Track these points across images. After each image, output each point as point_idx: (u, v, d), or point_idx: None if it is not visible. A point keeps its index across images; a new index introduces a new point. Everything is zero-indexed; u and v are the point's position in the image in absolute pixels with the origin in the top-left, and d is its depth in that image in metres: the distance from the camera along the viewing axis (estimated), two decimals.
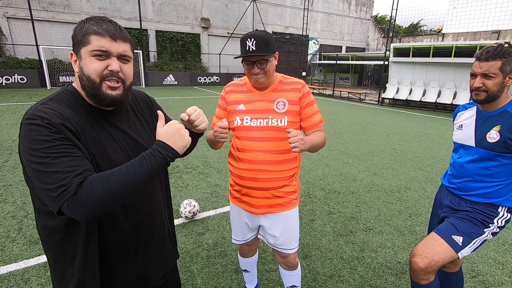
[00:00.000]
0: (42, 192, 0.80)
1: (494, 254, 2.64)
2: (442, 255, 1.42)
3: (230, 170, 1.55)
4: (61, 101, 0.87)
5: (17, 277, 2.15)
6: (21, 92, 12.51)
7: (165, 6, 19.53)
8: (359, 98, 15.99)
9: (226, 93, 1.54)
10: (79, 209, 0.77)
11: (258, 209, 1.51)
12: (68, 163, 0.78)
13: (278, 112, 1.40)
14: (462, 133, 1.54)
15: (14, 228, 2.76)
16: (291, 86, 1.45)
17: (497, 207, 1.45)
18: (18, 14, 15.40)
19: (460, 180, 1.54)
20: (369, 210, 3.40)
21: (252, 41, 1.28)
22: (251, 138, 1.42)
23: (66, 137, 0.81)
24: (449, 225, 1.50)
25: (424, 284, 1.47)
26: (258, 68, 1.33)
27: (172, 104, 11.10)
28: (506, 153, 1.37)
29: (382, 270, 2.38)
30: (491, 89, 1.35)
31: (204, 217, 3.11)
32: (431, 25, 39.34)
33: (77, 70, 0.88)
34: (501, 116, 1.39)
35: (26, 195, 3.42)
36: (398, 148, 6.19)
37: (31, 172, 0.80)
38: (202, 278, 2.23)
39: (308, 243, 2.72)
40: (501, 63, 1.31)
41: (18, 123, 6.91)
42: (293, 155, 1.47)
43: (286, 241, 1.56)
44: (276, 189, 1.47)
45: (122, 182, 0.81)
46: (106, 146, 0.90)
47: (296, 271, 1.70)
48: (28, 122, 0.79)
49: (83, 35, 0.85)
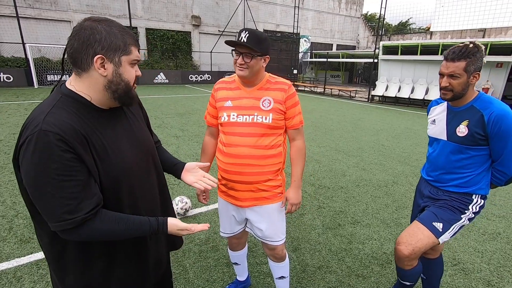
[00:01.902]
0: (42, 209, 0.82)
1: (475, 243, 2.76)
2: (425, 241, 1.51)
3: (217, 164, 1.60)
4: (65, 108, 0.86)
5: (9, 275, 2.16)
6: (7, 91, 12.24)
7: (155, 4, 19.33)
8: (349, 96, 16.20)
9: (215, 90, 1.59)
10: (73, 237, 0.86)
11: (243, 202, 1.56)
12: (74, 187, 0.81)
13: (263, 110, 1.46)
14: (435, 127, 1.63)
15: (4, 228, 2.76)
16: (278, 86, 1.50)
17: (471, 195, 1.55)
18: (3, 11, 15.01)
19: (436, 172, 1.64)
20: (357, 204, 3.50)
21: (246, 34, 1.34)
22: (237, 134, 1.48)
23: (76, 156, 0.82)
24: (429, 214, 1.59)
25: (409, 269, 1.56)
26: (243, 59, 1.38)
27: (163, 102, 11.04)
28: (474, 146, 1.46)
29: (369, 260, 2.48)
30: (456, 88, 1.43)
31: (196, 213, 3.16)
32: (420, 23, 40.00)
33: (105, 74, 0.88)
34: (468, 111, 1.47)
35: (16, 195, 3.40)
36: (387, 144, 6.34)
37: (34, 190, 0.80)
38: (195, 272, 2.28)
39: (298, 236, 2.80)
40: (465, 64, 1.38)
41: (5, 123, 6.80)
42: (278, 151, 1.53)
43: (272, 234, 1.61)
44: (261, 183, 1.52)
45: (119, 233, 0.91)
46: (112, 144, 0.94)
47: (284, 262, 1.76)
48: (37, 136, 0.78)
49: (124, 44, 0.89)
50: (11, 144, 5.26)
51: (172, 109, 9.55)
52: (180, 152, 5.18)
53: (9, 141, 5.48)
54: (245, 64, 1.38)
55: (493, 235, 2.90)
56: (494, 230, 3.00)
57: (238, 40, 1.35)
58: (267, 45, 1.41)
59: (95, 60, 0.85)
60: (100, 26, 0.86)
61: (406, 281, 1.65)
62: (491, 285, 2.22)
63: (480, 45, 1.43)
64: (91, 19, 0.88)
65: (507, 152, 1.40)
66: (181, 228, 1.01)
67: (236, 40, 1.35)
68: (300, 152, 1.61)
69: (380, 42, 14.11)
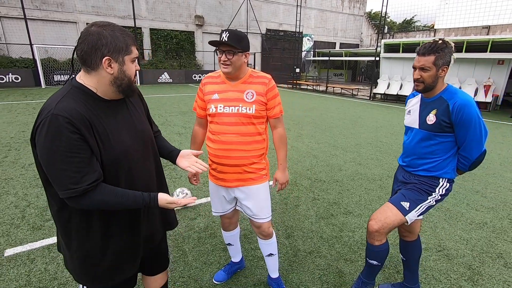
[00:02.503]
0: (52, 179, 0.99)
1: (461, 232, 2.89)
2: (392, 218, 1.67)
3: (208, 152, 1.79)
4: (74, 98, 1.02)
5: (24, 258, 2.36)
6: (15, 91, 12.57)
7: (158, 4, 19.57)
8: (351, 94, 16.26)
9: (203, 84, 1.75)
10: (77, 205, 1.02)
11: (232, 182, 1.75)
12: (78, 163, 0.98)
13: (247, 101, 1.63)
14: (410, 117, 1.78)
15: (17, 216, 2.96)
16: (260, 80, 1.67)
17: (439, 179, 1.70)
18: (11, 13, 15.39)
19: (409, 158, 1.79)
20: (351, 196, 3.64)
21: (227, 34, 1.51)
22: (224, 123, 1.66)
23: (81, 137, 0.98)
24: (399, 195, 1.76)
25: (377, 244, 1.71)
26: (226, 56, 1.54)
27: (167, 101, 11.26)
28: (441, 133, 1.61)
29: (358, 246, 2.62)
30: (426, 80, 1.58)
31: (196, 204, 3.33)
32: (425, 21, 39.71)
33: (111, 72, 1.04)
34: (437, 101, 1.63)
35: (27, 187, 3.61)
36: (385, 140, 6.45)
37: (47, 162, 0.96)
38: (193, 255, 2.45)
39: (291, 225, 2.95)
40: (434, 58, 1.53)
41: (14, 122, 7.06)
42: (261, 138, 1.72)
43: (258, 211, 1.79)
44: (247, 165, 1.71)
45: (117, 205, 1.07)
46: (113, 131, 1.11)
47: (271, 240, 1.92)
48: (51, 119, 0.94)
49: (126, 45, 1.05)
50: (20, 141, 5.50)
51: (176, 108, 9.76)
52: (182, 148, 5.34)
53: (19, 138, 5.72)
54: (228, 61, 1.55)
55: (479, 225, 3.03)
56: (481, 220, 3.13)
57: (220, 40, 1.52)
58: (247, 43, 1.59)
59: (104, 61, 1.01)
60: (105, 31, 1.01)
61: (374, 260, 1.78)
62: (471, 269, 2.36)
63: (450, 41, 1.57)
64: (96, 24, 1.03)
65: (469, 139, 1.55)
66: (170, 202, 1.17)
67: (218, 40, 1.53)
68: (282, 138, 1.80)
69: (381, 40, 14.15)
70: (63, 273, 2.19)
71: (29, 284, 2.08)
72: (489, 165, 4.92)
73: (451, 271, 2.33)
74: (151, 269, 1.49)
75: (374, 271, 1.87)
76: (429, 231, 2.90)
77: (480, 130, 1.55)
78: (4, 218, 2.92)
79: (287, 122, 7.99)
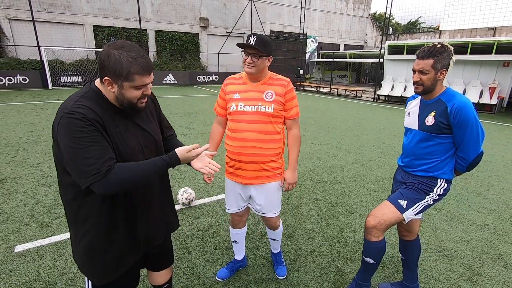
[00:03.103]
0: (75, 171, 1.04)
1: (462, 233, 2.91)
2: (390, 215, 1.72)
3: (226, 149, 1.89)
4: (90, 99, 1.10)
5: (33, 254, 2.43)
6: (23, 92, 12.80)
7: (164, 6, 19.78)
8: (355, 95, 16.25)
9: (225, 85, 1.88)
10: (104, 188, 1.05)
11: (249, 179, 1.85)
12: (98, 150, 1.04)
13: (266, 101, 1.74)
14: (410, 119, 1.82)
15: (26, 214, 3.05)
16: (279, 82, 1.79)
17: (437, 179, 1.73)
18: (19, 16, 15.67)
19: (408, 159, 1.83)
20: (353, 197, 3.67)
21: (254, 38, 1.63)
22: (244, 121, 1.76)
23: (96, 129, 1.05)
24: (397, 193, 1.80)
25: (374, 240, 1.75)
26: (251, 59, 1.66)
27: (172, 102, 11.37)
28: (439, 134, 1.65)
29: (358, 246, 2.66)
30: (425, 83, 1.63)
31: (200, 203, 3.40)
32: (430, 22, 39.51)
33: (113, 91, 1.10)
34: (436, 103, 1.67)
35: (36, 186, 3.71)
36: (388, 142, 6.46)
37: (69, 155, 1.03)
38: (197, 253, 2.51)
39: (293, 225, 3.00)
40: (433, 61, 1.58)
41: (22, 122, 7.20)
42: (278, 137, 1.82)
43: (269, 208, 1.93)
44: (264, 163, 1.81)
45: (141, 175, 1.11)
46: (123, 135, 1.17)
47: (278, 230, 2.14)
48: (68, 116, 1.02)
49: (127, 73, 1.06)
50: (29, 141, 5.62)
51: (180, 109, 9.86)
52: None
53: (27, 138, 5.84)
54: (253, 63, 1.67)
55: (481, 226, 3.04)
56: (483, 221, 3.14)
57: (248, 43, 1.64)
58: (271, 48, 1.72)
59: (104, 80, 1.09)
60: (113, 54, 1.05)
61: (369, 257, 1.79)
62: (471, 270, 2.38)
63: (449, 46, 1.62)
64: (111, 45, 1.07)
65: (466, 140, 1.59)
66: (188, 150, 1.23)
67: (246, 43, 1.64)
68: (296, 139, 1.89)
69: (386, 42, 14.14)
70: (71, 268, 2.27)
71: (39, 279, 2.15)
72: (493, 167, 4.92)
73: (450, 271, 2.35)
74: (156, 265, 1.55)
75: (370, 271, 1.88)
76: (429, 231, 2.92)
77: (477, 131, 1.59)
78: (14, 216, 3.01)
79: None
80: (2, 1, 15.18)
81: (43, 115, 8.19)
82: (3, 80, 13.90)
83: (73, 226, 1.22)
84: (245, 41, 1.67)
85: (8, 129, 6.53)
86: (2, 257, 2.37)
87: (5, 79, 13.94)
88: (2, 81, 13.89)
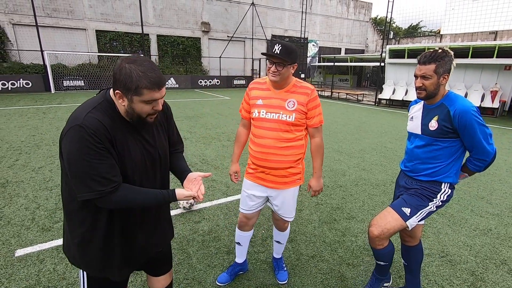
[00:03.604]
0: (77, 182, 1.06)
1: (465, 238, 2.89)
2: (393, 224, 1.70)
3: (249, 152, 1.93)
4: (103, 111, 1.11)
5: (33, 258, 2.43)
6: (26, 96, 12.88)
7: (166, 11, 19.93)
8: (356, 99, 16.25)
9: (250, 89, 1.89)
10: (104, 204, 1.10)
11: (268, 183, 1.88)
12: (103, 169, 1.06)
13: (288, 110, 1.74)
14: (413, 123, 1.82)
15: (28, 218, 3.05)
16: (302, 90, 1.76)
17: (441, 184, 1.72)
18: (23, 21, 15.82)
19: (412, 163, 1.82)
20: (354, 202, 3.65)
21: (279, 47, 1.61)
22: (264, 128, 1.78)
23: (105, 147, 1.07)
24: (400, 200, 1.78)
25: (380, 248, 1.74)
26: (276, 68, 1.65)
27: (173, 106, 11.40)
28: (444, 138, 1.64)
29: (360, 251, 2.64)
30: (428, 87, 1.63)
31: (200, 208, 3.39)
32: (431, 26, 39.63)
33: (124, 104, 1.11)
34: (439, 108, 1.67)
35: (37, 190, 3.71)
36: (390, 146, 6.45)
37: (74, 168, 1.04)
38: (197, 258, 2.49)
39: (294, 229, 2.98)
40: (435, 66, 1.58)
41: (25, 126, 7.24)
42: (299, 144, 1.82)
43: (285, 212, 1.98)
44: (284, 169, 1.83)
45: (139, 202, 1.16)
46: (130, 148, 1.18)
47: (285, 232, 2.17)
48: (79, 129, 1.03)
49: (136, 87, 1.05)
50: (31, 145, 5.64)
51: (182, 113, 9.88)
52: (188, 152, 5.44)
53: (29, 142, 5.86)
54: (277, 72, 1.66)
55: (484, 231, 3.02)
56: (486, 226, 3.11)
57: (272, 52, 1.62)
58: (296, 56, 1.69)
59: (116, 93, 1.10)
60: (124, 68, 1.05)
61: (381, 261, 1.83)
62: (475, 275, 2.35)
63: (449, 50, 1.62)
64: (125, 59, 1.08)
65: (477, 141, 1.57)
66: (187, 195, 1.25)
67: (271, 53, 1.63)
68: (319, 148, 1.91)
69: (386, 46, 14.17)
70: (71, 273, 2.26)
71: (39, 283, 2.14)
72: (495, 171, 4.89)
73: (453, 277, 2.33)
74: (155, 270, 1.54)
75: (385, 269, 1.93)
76: (432, 236, 2.90)
77: (485, 132, 1.57)
78: (15, 220, 3.01)
79: None
80: (6, 7, 15.34)
81: (45, 119, 8.22)
82: (6, 84, 14.00)
83: (69, 222, 1.22)
84: (269, 49, 1.65)
85: (10, 133, 6.56)
86: (3, 262, 2.37)
87: (8, 83, 14.04)
88: (5, 85, 13.99)
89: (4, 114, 8.77)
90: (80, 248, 1.21)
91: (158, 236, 1.42)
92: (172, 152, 1.46)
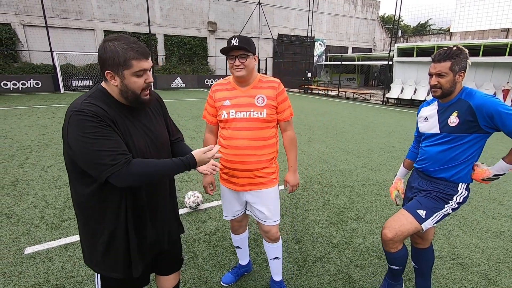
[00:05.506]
0: (91, 166, 1.04)
1: (476, 240, 2.81)
2: (407, 226, 1.65)
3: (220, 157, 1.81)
4: (98, 98, 1.11)
5: (42, 256, 2.46)
6: (36, 96, 13.10)
7: (172, 11, 20.04)
8: (364, 98, 16.09)
9: (214, 92, 1.78)
10: (122, 180, 1.06)
11: (243, 186, 1.78)
12: (112, 144, 1.05)
13: (258, 106, 1.67)
14: (428, 123, 1.76)
15: (37, 216, 3.08)
16: (269, 84, 1.71)
17: (457, 185, 1.67)
18: (33, 22, 16.10)
19: (427, 163, 1.76)
20: (362, 202, 3.60)
21: (236, 39, 1.55)
22: (237, 128, 1.69)
23: (107, 125, 1.06)
24: (415, 202, 1.73)
25: (393, 252, 1.70)
26: (239, 61, 1.58)
27: (180, 106, 11.46)
28: (466, 133, 1.58)
29: (368, 253, 2.60)
30: (444, 85, 1.58)
31: (207, 207, 3.38)
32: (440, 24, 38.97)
33: (116, 85, 1.11)
34: (457, 104, 1.61)
35: (46, 188, 3.76)
36: (398, 145, 6.35)
37: (83, 151, 1.03)
38: (204, 258, 2.49)
39: (301, 230, 2.95)
40: (451, 64, 1.54)
41: (35, 125, 7.36)
42: (272, 142, 1.76)
43: (270, 215, 1.82)
44: (258, 170, 1.74)
45: (159, 170, 1.13)
46: (132, 134, 1.17)
47: (277, 243, 1.95)
48: (78, 114, 1.03)
49: (124, 60, 1.07)
50: (40, 144, 5.73)
51: (188, 112, 9.92)
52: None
53: (39, 141, 5.95)
54: (241, 65, 1.59)
55: (496, 233, 2.94)
56: (499, 228, 3.03)
57: (232, 45, 1.55)
58: (254, 46, 1.65)
59: (106, 74, 1.10)
60: (109, 46, 1.06)
61: (394, 265, 1.77)
62: (487, 279, 2.29)
63: (464, 48, 1.57)
64: (107, 39, 1.09)
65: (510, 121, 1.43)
66: (204, 151, 1.25)
67: (230, 46, 1.56)
68: (292, 141, 1.84)
69: (395, 44, 13.98)
70: (79, 271, 2.27)
71: (47, 281, 2.16)
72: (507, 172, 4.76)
73: (465, 280, 2.27)
74: (164, 269, 1.53)
75: (398, 274, 1.87)
76: (442, 238, 2.83)
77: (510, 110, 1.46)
78: (25, 218, 3.05)
79: (298, 126, 7.99)
80: (17, 8, 15.63)
81: (55, 118, 8.35)
82: (17, 84, 14.28)
83: (88, 225, 1.20)
84: (227, 45, 1.58)
85: (21, 132, 6.67)
86: (12, 259, 2.40)
87: (19, 83, 14.32)
88: (16, 85, 14.27)
89: (15, 113, 8.94)
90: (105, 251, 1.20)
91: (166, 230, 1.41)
92: (174, 141, 1.47)
